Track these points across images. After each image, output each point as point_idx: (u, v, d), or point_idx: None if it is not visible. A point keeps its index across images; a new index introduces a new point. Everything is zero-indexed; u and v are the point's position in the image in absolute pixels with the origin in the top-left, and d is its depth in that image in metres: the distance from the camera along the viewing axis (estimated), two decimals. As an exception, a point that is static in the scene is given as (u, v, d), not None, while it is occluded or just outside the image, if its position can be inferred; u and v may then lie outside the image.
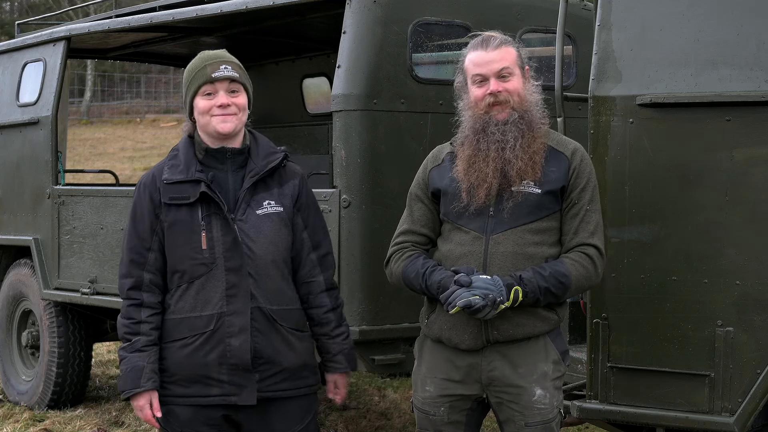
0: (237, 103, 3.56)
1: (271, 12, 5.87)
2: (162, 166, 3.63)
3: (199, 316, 3.53)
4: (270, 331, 3.55)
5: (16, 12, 37.52)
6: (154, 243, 3.57)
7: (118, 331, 3.61)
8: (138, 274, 3.57)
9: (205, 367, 3.53)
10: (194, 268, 3.53)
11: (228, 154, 3.59)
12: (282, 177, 3.64)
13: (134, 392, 3.53)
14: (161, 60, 9.00)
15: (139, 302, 3.56)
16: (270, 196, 3.59)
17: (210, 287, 3.52)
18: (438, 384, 3.59)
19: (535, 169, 3.47)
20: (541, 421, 3.50)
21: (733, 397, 3.86)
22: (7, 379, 7.54)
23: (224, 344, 3.51)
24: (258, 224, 3.55)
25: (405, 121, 5.13)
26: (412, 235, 3.67)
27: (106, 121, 30.90)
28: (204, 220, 3.53)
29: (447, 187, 3.57)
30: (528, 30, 5.58)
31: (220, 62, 3.59)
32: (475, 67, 3.52)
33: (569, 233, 3.54)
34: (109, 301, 6.39)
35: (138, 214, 3.61)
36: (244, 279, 3.52)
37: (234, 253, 3.51)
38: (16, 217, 7.22)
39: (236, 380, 3.53)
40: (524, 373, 3.50)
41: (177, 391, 3.57)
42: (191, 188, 3.54)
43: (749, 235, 3.83)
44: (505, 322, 3.46)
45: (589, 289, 4.01)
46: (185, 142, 3.65)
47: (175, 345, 3.56)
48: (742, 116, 3.84)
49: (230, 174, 3.59)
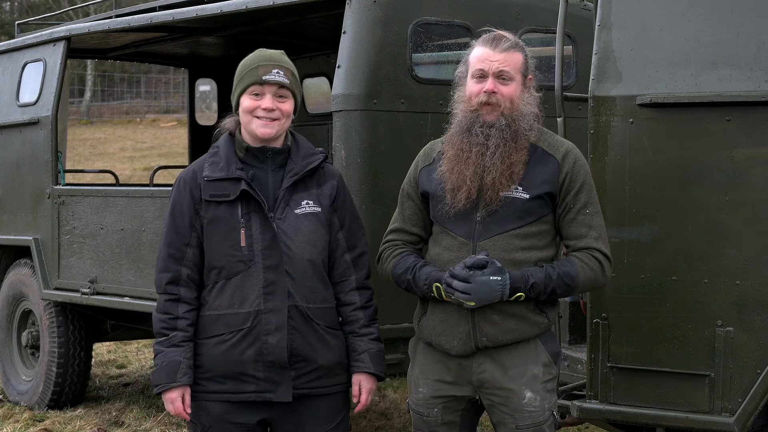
0: (282, 109, 3.59)
1: (271, 12, 5.86)
2: (202, 163, 3.65)
3: (237, 313, 3.55)
4: (306, 329, 3.58)
5: (16, 12, 37.52)
6: (193, 239, 3.60)
7: (154, 325, 3.63)
8: (176, 269, 3.60)
9: (242, 364, 3.55)
10: (232, 265, 3.56)
11: (269, 153, 3.62)
12: (321, 178, 3.68)
13: (170, 386, 3.56)
14: (161, 60, 9.01)
15: (177, 297, 3.59)
16: (308, 196, 3.62)
17: (248, 285, 3.55)
18: (431, 385, 3.59)
19: (512, 180, 3.45)
20: (532, 423, 3.49)
21: (733, 397, 3.86)
22: (7, 379, 7.54)
23: (261, 341, 3.53)
24: (296, 223, 3.58)
25: (405, 121, 5.13)
26: (402, 234, 3.69)
27: (106, 121, 30.91)
28: (243, 218, 3.56)
29: (434, 190, 3.57)
30: (528, 30, 5.57)
31: (273, 65, 3.59)
32: (478, 62, 3.51)
33: (571, 238, 3.53)
34: (109, 301, 6.39)
35: (177, 209, 3.63)
36: (282, 277, 3.54)
37: (272, 251, 3.54)
38: (16, 217, 7.22)
39: (272, 377, 3.56)
40: (514, 375, 3.49)
41: (211, 387, 3.59)
42: (231, 186, 3.57)
43: (749, 235, 3.83)
44: (493, 329, 3.46)
45: (593, 291, 4.01)
46: (226, 139, 3.67)
47: (211, 341, 3.58)
48: (742, 116, 3.84)
49: (270, 173, 3.62)
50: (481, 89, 3.49)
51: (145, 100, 33.23)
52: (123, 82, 33.42)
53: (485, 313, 3.45)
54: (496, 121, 3.47)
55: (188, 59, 8.63)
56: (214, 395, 3.59)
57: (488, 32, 3.58)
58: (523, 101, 3.52)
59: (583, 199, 3.51)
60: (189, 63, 8.75)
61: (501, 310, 3.45)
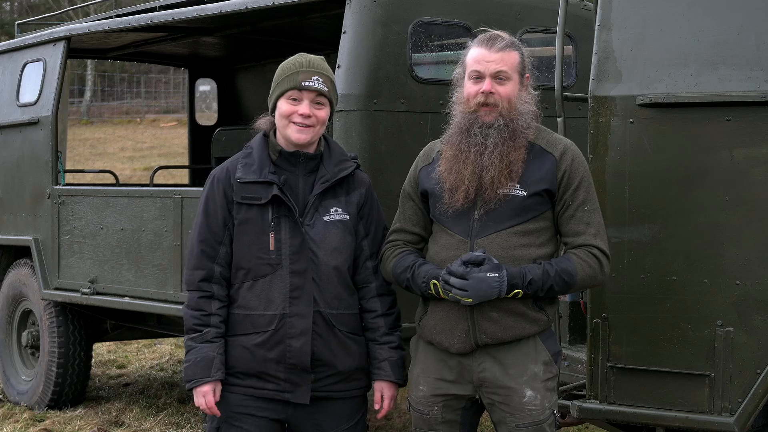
0: (318, 116, 3.60)
1: (271, 12, 5.87)
2: (236, 163, 3.67)
3: (263, 315, 3.59)
4: (329, 334, 3.62)
5: (16, 12, 37.52)
6: (226, 237, 3.63)
7: (185, 321, 3.65)
8: (209, 267, 3.63)
9: (264, 364, 3.59)
10: (260, 268, 3.59)
11: (301, 158, 3.64)
12: (350, 185, 3.69)
13: (205, 381, 3.59)
14: (161, 60, 9.01)
15: (210, 294, 3.62)
16: (337, 203, 3.65)
17: (274, 288, 3.58)
18: (431, 384, 3.60)
19: (511, 179, 3.46)
20: (532, 422, 3.50)
21: (733, 397, 3.86)
22: (7, 379, 7.54)
23: (285, 344, 3.57)
24: (324, 231, 3.61)
25: (405, 121, 5.13)
26: (404, 234, 3.70)
27: (106, 121, 30.92)
28: (273, 222, 3.58)
29: (433, 189, 3.59)
30: (528, 30, 5.58)
31: (313, 72, 3.60)
32: (474, 63, 3.52)
33: (569, 235, 3.53)
34: (109, 301, 6.39)
35: (211, 208, 3.65)
36: (308, 282, 3.58)
37: (300, 256, 3.57)
38: (16, 217, 7.22)
39: (293, 378, 3.60)
40: (514, 374, 3.50)
41: (232, 381, 3.64)
42: (263, 189, 3.59)
43: (749, 235, 3.83)
44: (492, 326, 3.47)
45: (592, 288, 4.01)
46: (260, 141, 3.69)
47: (238, 339, 3.62)
48: (742, 116, 3.84)
49: (301, 178, 3.65)
50: (478, 90, 3.50)
51: (145, 100, 33.23)
52: (123, 82, 33.43)
53: (484, 310, 3.46)
54: (495, 122, 3.48)
55: (188, 59, 8.63)
56: (235, 387, 3.63)
57: (484, 32, 3.59)
58: (521, 100, 3.53)
59: (581, 196, 3.52)
60: (189, 63, 8.76)
61: (500, 307, 3.46)
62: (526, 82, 3.56)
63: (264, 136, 3.69)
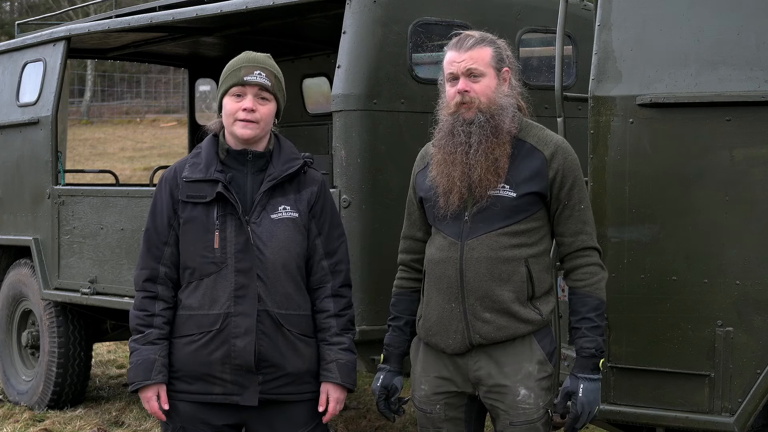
0: (262, 111, 3.57)
1: (271, 12, 5.87)
2: (184, 163, 3.66)
3: (207, 314, 3.55)
4: (276, 334, 3.56)
5: (16, 12, 37.53)
6: (171, 237, 3.60)
7: (130, 322, 3.64)
8: (154, 267, 3.60)
9: (209, 365, 3.54)
10: (204, 266, 3.55)
11: (249, 156, 3.61)
12: (301, 183, 3.65)
13: (144, 384, 3.57)
14: (161, 60, 9.01)
15: (154, 295, 3.60)
16: (286, 201, 3.61)
17: (219, 287, 3.54)
18: (432, 382, 3.62)
19: (498, 175, 3.46)
20: (526, 421, 3.51)
21: (733, 397, 3.86)
22: (7, 379, 7.55)
23: (229, 344, 3.52)
24: (271, 228, 3.57)
25: (405, 121, 5.14)
26: (410, 241, 3.75)
27: (106, 121, 30.94)
28: (218, 220, 3.55)
29: (427, 194, 3.60)
30: (528, 30, 5.58)
31: (255, 67, 3.58)
32: (448, 66, 3.54)
33: (566, 235, 3.55)
34: (109, 301, 6.40)
35: (157, 208, 3.64)
36: (253, 281, 3.53)
37: (245, 254, 3.53)
38: (16, 217, 7.22)
39: (239, 380, 3.55)
40: (509, 372, 3.51)
41: (181, 387, 3.59)
42: (209, 188, 3.56)
43: (749, 235, 3.83)
44: (486, 326, 3.49)
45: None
46: (209, 141, 3.67)
47: (182, 341, 3.58)
48: (742, 116, 3.84)
49: (249, 176, 3.61)
50: (455, 91, 3.51)
51: (145, 100, 33.25)
52: (123, 82, 33.44)
53: (477, 311, 3.48)
54: (475, 117, 3.48)
55: (188, 59, 8.63)
56: (184, 395, 3.59)
57: (457, 35, 3.60)
58: (501, 94, 3.52)
59: (576, 195, 3.54)
60: (189, 63, 8.76)
61: (492, 308, 3.48)
62: (507, 76, 3.55)
63: (214, 136, 3.67)
